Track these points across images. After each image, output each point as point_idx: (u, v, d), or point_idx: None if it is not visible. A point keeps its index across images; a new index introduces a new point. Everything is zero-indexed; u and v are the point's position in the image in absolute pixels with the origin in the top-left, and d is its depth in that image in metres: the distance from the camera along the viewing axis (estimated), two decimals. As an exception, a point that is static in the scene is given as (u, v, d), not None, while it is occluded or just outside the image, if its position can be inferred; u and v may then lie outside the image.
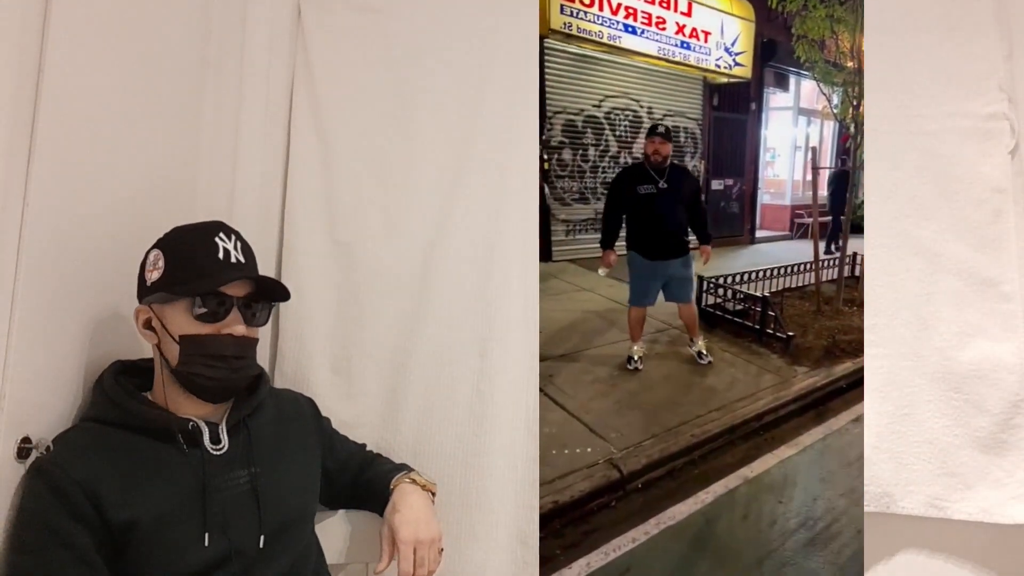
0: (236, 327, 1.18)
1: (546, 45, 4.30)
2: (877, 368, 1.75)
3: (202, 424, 1.18)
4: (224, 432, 1.21)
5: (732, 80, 5.65)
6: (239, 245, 1.21)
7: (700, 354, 3.24)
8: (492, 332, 1.72)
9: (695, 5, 5.12)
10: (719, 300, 3.76)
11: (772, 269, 4.14)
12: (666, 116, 5.25)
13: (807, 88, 6.22)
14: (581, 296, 4.01)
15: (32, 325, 1.09)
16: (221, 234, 1.20)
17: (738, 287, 3.80)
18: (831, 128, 6.53)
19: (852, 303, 4.02)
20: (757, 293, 3.72)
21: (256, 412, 1.29)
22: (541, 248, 1.81)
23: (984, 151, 1.73)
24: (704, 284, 3.73)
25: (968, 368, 1.70)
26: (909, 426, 1.72)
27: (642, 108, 5.11)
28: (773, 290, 4.01)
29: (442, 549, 1.36)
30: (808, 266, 4.22)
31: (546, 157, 4.46)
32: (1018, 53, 1.74)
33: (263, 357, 1.67)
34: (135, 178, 1.39)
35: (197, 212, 1.57)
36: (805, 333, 3.61)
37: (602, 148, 4.86)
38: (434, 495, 1.43)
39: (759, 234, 6.20)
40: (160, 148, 1.49)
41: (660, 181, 3.06)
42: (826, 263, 4.29)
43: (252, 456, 1.23)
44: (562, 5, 4.37)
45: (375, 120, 1.78)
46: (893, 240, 1.77)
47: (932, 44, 1.76)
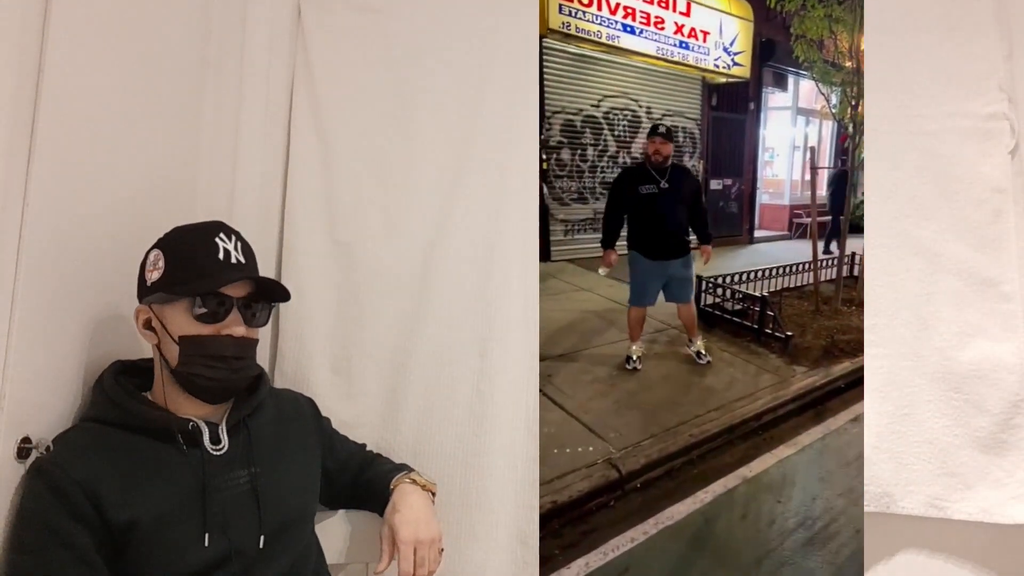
0: (236, 328, 1.18)
1: (545, 45, 4.30)
2: (877, 368, 1.75)
3: (202, 424, 1.18)
4: (224, 432, 1.21)
5: (731, 80, 5.65)
6: (239, 245, 1.21)
7: (699, 354, 3.24)
8: (492, 332, 1.72)
9: (694, 5, 5.13)
10: (718, 300, 3.76)
11: (771, 269, 4.14)
12: (665, 116, 5.25)
13: (806, 88, 6.23)
14: (580, 296, 4.01)
15: (32, 325, 1.09)
16: (221, 234, 1.19)
17: (737, 287, 3.80)
18: (830, 128, 6.54)
19: (851, 303, 4.02)
20: (756, 293, 3.72)
21: (256, 412, 1.28)
22: (540, 248, 1.81)
23: (984, 151, 1.73)
24: (703, 284, 3.74)
25: (968, 368, 1.70)
26: (909, 426, 1.72)
27: (641, 108, 5.11)
28: (772, 290, 4.01)
29: (442, 549, 1.35)
30: (807, 266, 4.22)
31: (544, 157, 4.45)
32: (1018, 53, 1.74)
33: (263, 357, 1.67)
34: (135, 178, 1.39)
35: (197, 212, 1.58)
36: (804, 333, 3.61)
37: (601, 148, 4.86)
38: (434, 495, 1.43)
39: (758, 234, 6.21)
40: (160, 148, 1.49)
41: (661, 181, 3.06)
42: (825, 263, 4.29)
43: (252, 456, 1.23)
44: (560, 5, 4.37)
45: (375, 120, 1.78)
46: (893, 240, 1.77)
47: (932, 44, 1.76)
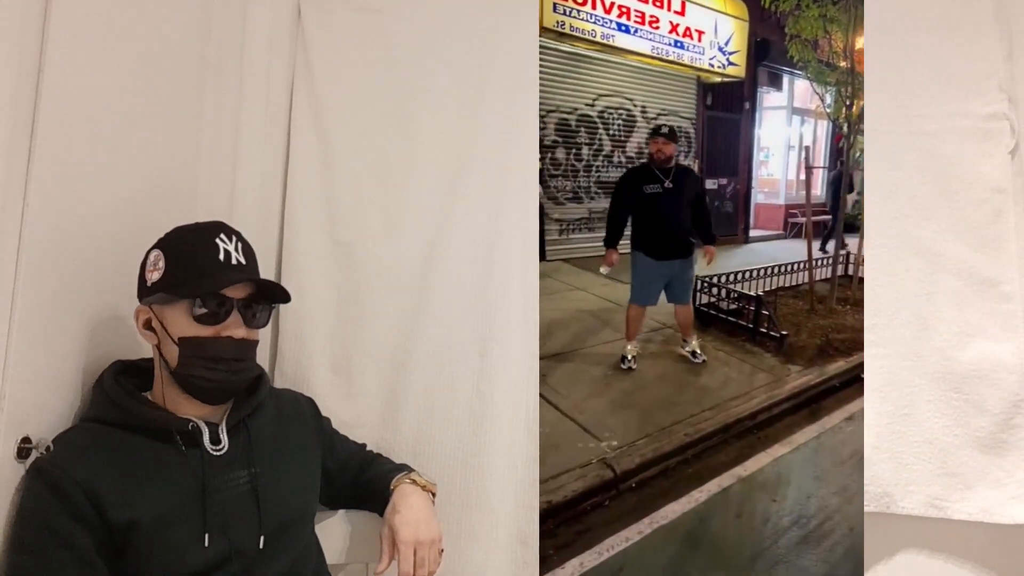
0: (236, 330, 1.18)
1: (539, 44, 4.29)
2: (877, 368, 1.75)
3: (202, 424, 1.18)
4: (224, 432, 1.20)
5: (726, 79, 5.65)
6: (240, 246, 1.21)
7: (694, 353, 3.25)
8: (492, 332, 1.72)
9: (688, 4, 5.12)
10: (713, 299, 3.77)
11: (766, 268, 4.15)
12: (660, 115, 5.25)
13: (801, 87, 6.23)
14: (575, 295, 4.01)
15: (32, 325, 1.09)
16: (222, 235, 1.19)
17: (732, 286, 3.81)
18: (825, 127, 6.54)
19: (845, 302, 4.04)
20: (751, 292, 3.73)
21: (256, 412, 1.28)
22: (537, 248, 1.81)
23: (984, 151, 1.73)
24: (698, 283, 3.74)
25: (968, 368, 1.70)
26: (909, 426, 1.72)
27: (636, 107, 5.11)
28: (767, 289, 4.02)
29: (442, 550, 1.35)
30: (802, 265, 4.23)
31: (539, 156, 4.45)
32: (1018, 53, 1.74)
33: (263, 357, 1.67)
34: (135, 178, 1.39)
35: (197, 212, 1.57)
36: (799, 332, 3.62)
37: (596, 147, 4.86)
38: (434, 495, 1.43)
39: (753, 233, 6.21)
40: (160, 148, 1.49)
41: (666, 181, 3.07)
42: (820, 262, 4.30)
43: (252, 456, 1.23)
44: (555, 4, 4.36)
45: (375, 120, 1.78)
46: (893, 240, 1.77)
47: (932, 44, 1.76)
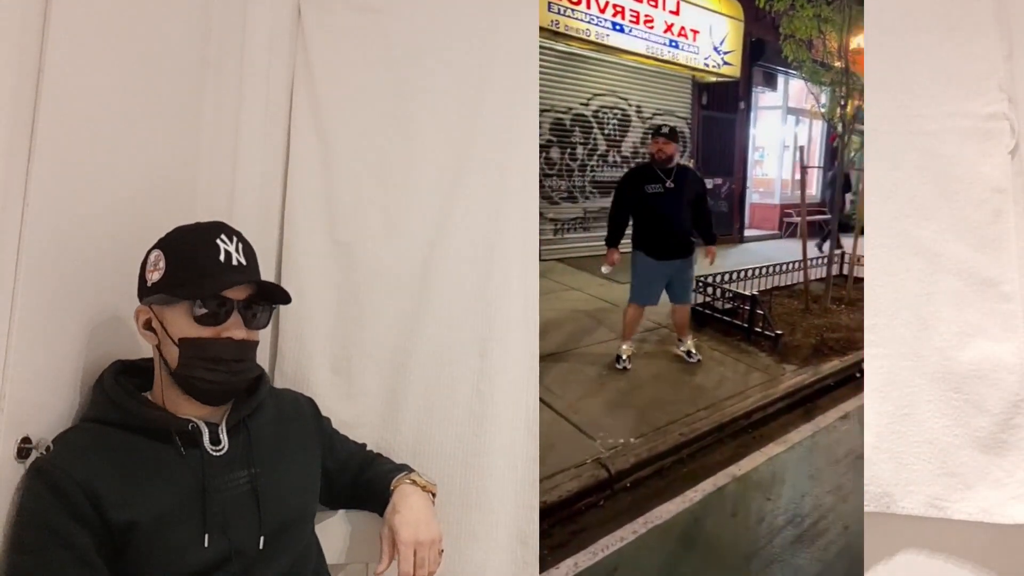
0: (236, 331, 1.18)
1: (536, 43, 4.30)
2: (877, 368, 1.75)
3: (202, 425, 1.18)
4: (224, 433, 1.20)
5: (721, 79, 5.65)
6: (240, 247, 1.21)
7: (689, 353, 3.25)
8: (492, 332, 1.72)
9: (683, 4, 5.12)
10: (708, 299, 3.77)
11: (761, 268, 4.15)
12: (655, 115, 5.24)
13: (796, 87, 6.23)
14: (569, 295, 4.01)
15: (32, 325, 1.09)
16: (223, 235, 1.19)
17: (727, 286, 3.81)
18: (819, 127, 6.53)
19: (840, 301, 4.05)
20: (746, 292, 3.73)
21: (256, 412, 1.28)
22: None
23: (984, 151, 1.73)
24: (694, 283, 3.74)
25: (968, 368, 1.70)
26: (909, 426, 1.72)
27: (631, 107, 5.10)
28: (762, 289, 4.02)
29: (442, 550, 1.35)
30: (797, 265, 4.23)
31: (536, 156, 4.45)
32: (1018, 53, 1.74)
33: (263, 357, 1.67)
34: (135, 178, 1.39)
35: (197, 212, 1.57)
36: (793, 331, 3.63)
37: (591, 147, 4.85)
38: (434, 496, 1.43)
39: (748, 233, 6.21)
40: (160, 148, 1.49)
41: (667, 181, 3.07)
42: (815, 262, 4.30)
43: (252, 456, 1.23)
44: (550, 3, 4.36)
45: (375, 120, 1.78)
46: (893, 240, 1.77)
47: (932, 44, 1.76)
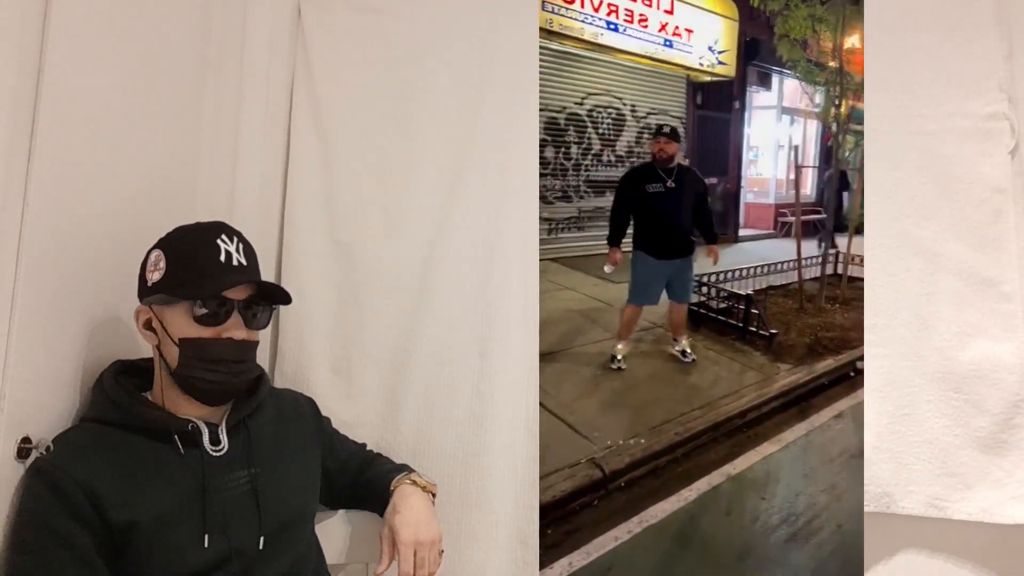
0: (236, 331, 1.18)
1: (529, 42, 4.29)
2: (877, 368, 1.75)
3: (202, 425, 1.18)
4: (224, 433, 1.20)
5: (715, 78, 5.64)
6: (241, 247, 1.21)
7: (684, 352, 3.26)
8: (492, 332, 1.72)
9: (678, 3, 5.10)
10: (703, 298, 3.77)
11: (755, 267, 4.15)
12: (649, 114, 5.23)
13: (790, 87, 6.21)
14: (564, 295, 4.01)
15: (32, 325, 1.09)
16: (223, 235, 1.19)
17: (722, 285, 3.81)
18: (814, 127, 6.53)
19: (834, 300, 4.05)
20: (741, 291, 3.73)
21: (256, 412, 1.28)
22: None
23: (984, 151, 1.73)
24: (693, 282, 3.75)
25: (968, 368, 1.70)
26: (909, 426, 1.72)
27: (625, 106, 5.09)
28: (756, 288, 4.02)
29: (442, 550, 1.35)
30: (791, 264, 4.23)
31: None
32: (1018, 53, 1.74)
33: (263, 357, 1.67)
34: (135, 178, 1.39)
35: (197, 212, 1.57)
36: (788, 331, 3.63)
37: (585, 146, 4.84)
38: (434, 496, 1.43)
39: (743, 232, 6.19)
40: (160, 148, 1.49)
41: (668, 180, 3.08)
42: (809, 261, 4.31)
43: (252, 457, 1.23)
44: (544, 2, 4.35)
45: (375, 120, 1.78)
46: (893, 240, 1.77)
47: (932, 44, 1.76)
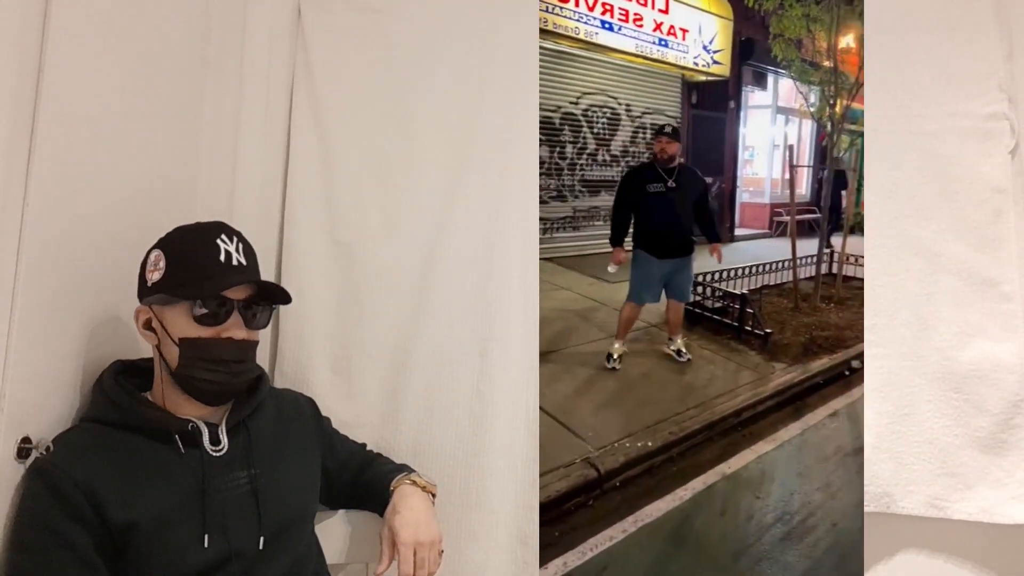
0: (236, 331, 1.18)
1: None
2: (877, 368, 1.75)
3: (202, 425, 1.18)
4: (224, 433, 1.20)
5: (710, 78, 5.64)
6: (241, 247, 1.21)
7: (679, 352, 3.26)
8: (492, 332, 1.73)
9: (673, 2, 5.10)
10: (698, 298, 3.77)
11: (751, 267, 4.15)
12: (644, 114, 5.23)
13: (785, 87, 6.20)
14: (559, 295, 4.00)
15: (32, 325, 1.09)
16: (223, 235, 1.19)
17: (717, 284, 3.81)
18: (809, 127, 6.53)
19: (829, 300, 4.04)
20: (736, 290, 3.73)
21: (256, 413, 1.28)
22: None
23: (984, 151, 1.73)
24: (692, 281, 3.75)
25: (968, 368, 1.70)
26: (909, 426, 1.72)
27: (620, 105, 5.09)
28: (752, 287, 4.02)
29: (442, 551, 1.35)
30: (786, 264, 4.23)
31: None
32: (1018, 53, 1.74)
33: (263, 357, 1.67)
34: (135, 178, 1.39)
35: (197, 212, 1.57)
36: (783, 330, 3.62)
37: (580, 145, 4.84)
38: (434, 496, 1.43)
39: (738, 232, 6.18)
40: (160, 148, 1.49)
41: (669, 180, 3.10)
42: (803, 260, 4.31)
43: (252, 457, 1.23)
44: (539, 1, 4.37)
45: (375, 120, 1.78)
46: (893, 240, 1.77)
47: (932, 44, 1.76)
